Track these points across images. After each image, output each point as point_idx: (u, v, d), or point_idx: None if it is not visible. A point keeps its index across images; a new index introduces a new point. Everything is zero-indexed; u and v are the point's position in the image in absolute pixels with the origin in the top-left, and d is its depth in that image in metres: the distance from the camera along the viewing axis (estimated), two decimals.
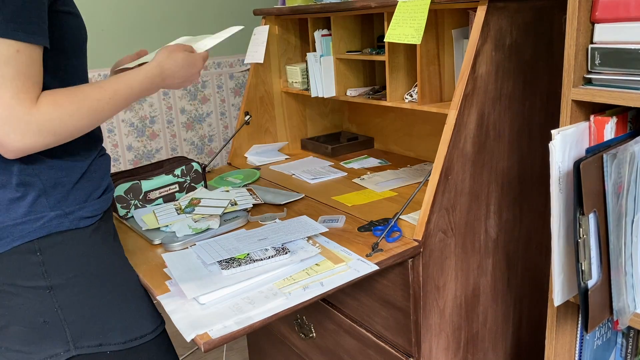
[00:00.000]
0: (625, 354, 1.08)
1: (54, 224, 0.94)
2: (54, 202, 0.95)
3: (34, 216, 0.93)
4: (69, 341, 0.97)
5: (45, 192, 0.94)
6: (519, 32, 1.20)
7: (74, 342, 0.97)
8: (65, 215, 0.95)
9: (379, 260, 1.07)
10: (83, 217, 0.97)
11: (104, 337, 0.99)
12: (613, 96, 0.84)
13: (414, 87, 1.51)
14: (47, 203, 0.94)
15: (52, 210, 0.94)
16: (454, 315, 1.25)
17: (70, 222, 0.96)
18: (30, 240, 0.92)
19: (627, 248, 0.91)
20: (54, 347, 0.96)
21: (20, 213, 0.92)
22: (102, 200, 1.02)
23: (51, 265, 0.94)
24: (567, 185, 0.87)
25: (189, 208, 1.35)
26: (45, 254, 0.94)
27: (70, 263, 0.96)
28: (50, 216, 0.94)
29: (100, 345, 0.99)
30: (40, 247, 0.93)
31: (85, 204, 0.98)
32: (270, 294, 0.97)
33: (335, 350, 1.40)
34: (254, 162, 1.86)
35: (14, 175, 0.92)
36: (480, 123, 1.18)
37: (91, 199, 1.00)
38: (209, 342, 0.86)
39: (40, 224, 0.93)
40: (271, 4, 2.90)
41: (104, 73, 2.49)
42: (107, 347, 0.99)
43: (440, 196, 1.14)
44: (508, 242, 1.33)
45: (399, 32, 1.26)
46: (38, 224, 0.93)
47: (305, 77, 1.83)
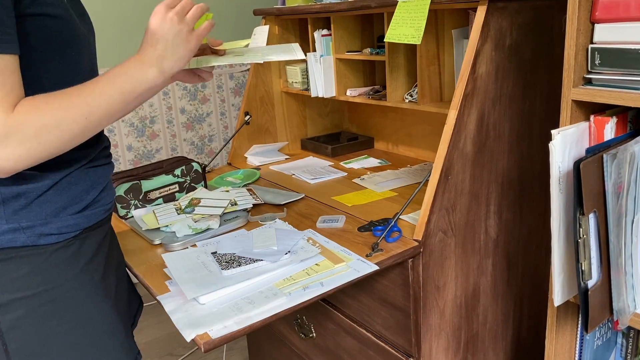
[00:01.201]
0: (625, 354, 1.08)
1: (6, 239, 0.83)
2: (10, 214, 0.83)
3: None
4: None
5: (2, 202, 0.83)
6: (519, 32, 1.20)
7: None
8: (21, 230, 0.83)
9: (379, 260, 1.07)
10: (44, 234, 0.85)
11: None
12: (613, 96, 0.84)
13: (414, 87, 1.51)
14: (4, 214, 0.83)
15: (7, 222, 0.83)
16: (454, 315, 1.25)
17: (27, 238, 0.84)
18: None
19: (627, 248, 0.91)
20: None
21: None
22: (81, 216, 0.89)
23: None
24: (567, 185, 0.87)
25: (189, 208, 1.35)
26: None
27: (20, 282, 0.84)
28: (3, 229, 0.83)
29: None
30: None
31: (52, 219, 0.86)
32: (270, 294, 0.97)
33: (335, 351, 1.40)
34: (254, 162, 1.86)
35: None
36: (480, 123, 1.17)
37: (64, 213, 0.87)
38: (209, 342, 0.86)
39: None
40: (271, 4, 2.90)
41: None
42: None
43: (440, 196, 1.14)
44: (508, 242, 1.33)
45: (399, 32, 1.26)
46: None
47: (305, 77, 1.83)
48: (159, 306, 1.04)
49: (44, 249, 0.86)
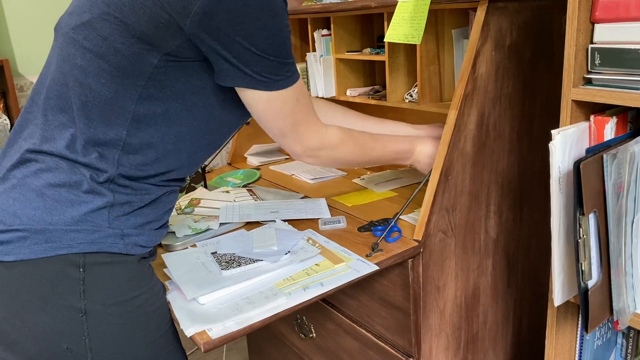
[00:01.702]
0: (625, 354, 1.08)
1: (108, 242, 0.86)
2: (114, 219, 0.87)
3: (90, 227, 0.85)
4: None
5: (111, 206, 0.87)
6: (519, 32, 1.19)
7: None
8: (121, 237, 0.88)
9: (379, 260, 1.07)
10: (138, 244, 0.90)
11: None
12: (613, 96, 0.84)
13: (414, 87, 1.51)
14: (108, 217, 0.87)
15: (110, 226, 0.86)
16: (454, 316, 1.25)
17: (125, 246, 0.88)
18: (77, 252, 0.83)
19: (627, 248, 0.91)
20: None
21: (76, 218, 0.84)
22: (158, 232, 0.95)
23: (92, 285, 0.84)
24: (567, 185, 0.87)
25: (188, 208, 1.35)
26: (88, 272, 0.84)
27: (112, 288, 0.87)
28: (107, 232, 0.86)
29: None
30: (85, 262, 0.84)
31: (142, 231, 0.91)
32: (270, 294, 0.97)
33: (335, 351, 1.40)
34: (254, 162, 1.86)
35: (85, 180, 0.86)
36: (480, 123, 1.17)
37: (149, 227, 0.93)
38: (209, 342, 0.86)
39: (95, 237, 0.85)
40: None
41: None
42: None
43: (440, 196, 1.14)
44: (508, 242, 1.33)
45: (399, 32, 1.26)
46: (91, 237, 0.84)
47: (305, 77, 1.83)
48: None
49: (133, 259, 0.90)
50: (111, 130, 0.87)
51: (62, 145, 0.87)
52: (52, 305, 0.83)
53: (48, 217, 0.84)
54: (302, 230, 1.22)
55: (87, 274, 0.84)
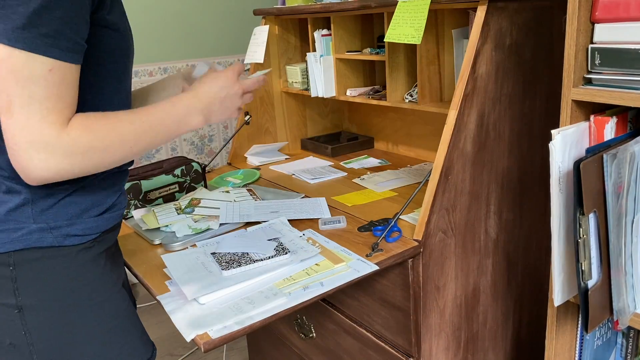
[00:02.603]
0: (625, 354, 1.08)
1: (34, 238, 0.84)
2: (38, 213, 0.85)
3: (13, 225, 0.83)
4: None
5: (31, 202, 0.84)
6: (519, 32, 1.20)
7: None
8: (49, 230, 0.85)
9: (379, 260, 1.07)
10: (70, 235, 0.87)
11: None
12: (613, 96, 0.84)
13: (414, 87, 1.51)
14: (32, 213, 0.84)
15: (35, 222, 0.84)
16: (454, 315, 1.25)
17: (54, 238, 0.85)
18: (4, 252, 0.83)
19: (627, 248, 0.91)
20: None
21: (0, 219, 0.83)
22: (101, 219, 0.91)
23: (24, 282, 0.84)
24: (567, 185, 0.87)
25: (189, 208, 1.35)
26: (19, 269, 0.84)
27: (46, 283, 0.86)
28: (31, 228, 0.84)
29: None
30: (15, 260, 0.83)
31: (76, 220, 0.88)
32: (270, 294, 0.97)
33: (335, 351, 1.40)
34: (254, 162, 1.86)
35: (2, 181, 0.84)
36: (480, 123, 1.17)
37: (86, 215, 0.89)
38: (209, 342, 0.86)
39: (19, 235, 0.83)
40: (271, 4, 2.90)
41: None
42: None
43: (440, 196, 1.14)
44: (508, 242, 1.33)
45: (399, 32, 1.26)
46: (16, 235, 0.83)
47: (305, 77, 1.83)
48: (159, 306, 1.04)
49: (69, 250, 0.87)
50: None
51: None
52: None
53: None
54: (302, 230, 1.22)
55: (18, 271, 0.84)
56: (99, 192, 0.91)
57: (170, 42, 2.82)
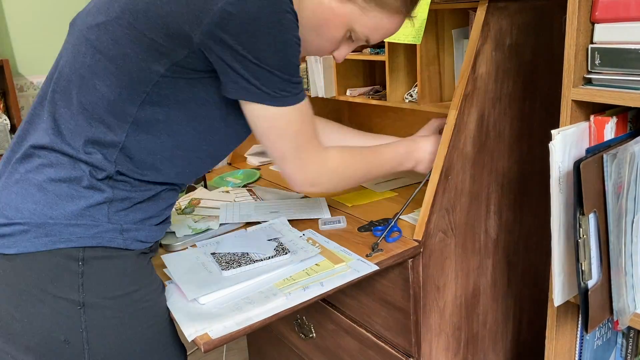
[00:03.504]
0: (625, 354, 1.08)
1: (107, 237, 0.87)
2: (113, 213, 0.89)
3: (89, 221, 0.86)
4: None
5: (110, 202, 0.89)
6: (519, 32, 1.19)
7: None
8: (120, 232, 0.89)
9: (379, 260, 1.07)
10: (137, 240, 0.91)
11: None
12: (613, 96, 0.84)
13: (414, 87, 1.51)
14: (107, 212, 0.88)
15: (109, 221, 0.88)
16: (454, 316, 1.25)
17: (124, 241, 0.89)
18: (77, 247, 0.85)
19: (627, 248, 0.91)
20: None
21: (76, 213, 0.86)
22: (159, 228, 0.97)
23: (90, 279, 0.86)
24: (567, 185, 0.87)
25: (189, 208, 1.35)
26: (87, 266, 0.86)
27: (110, 282, 0.88)
28: (107, 227, 0.87)
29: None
30: (85, 256, 0.86)
31: (141, 226, 0.92)
32: (270, 294, 0.97)
33: (335, 351, 1.40)
34: (254, 162, 1.86)
35: (85, 176, 0.87)
36: (480, 123, 1.17)
37: (149, 223, 0.94)
38: (209, 342, 0.86)
39: (94, 232, 0.86)
40: None
41: None
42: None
43: (440, 196, 1.14)
44: (508, 242, 1.33)
45: (399, 32, 1.26)
46: (91, 232, 0.86)
47: (305, 77, 1.83)
48: None
49: (132, 253, 0.91)
50: (111, 132, 0.88)
51: (63, 141, 0.88)
52: (51, 297, 0.85)
53: (49, 211, 0.85)
54: (302, 230, 1.22)
55: (85, 267, 0.86)
56: (161, 204, 0.97)
57: None
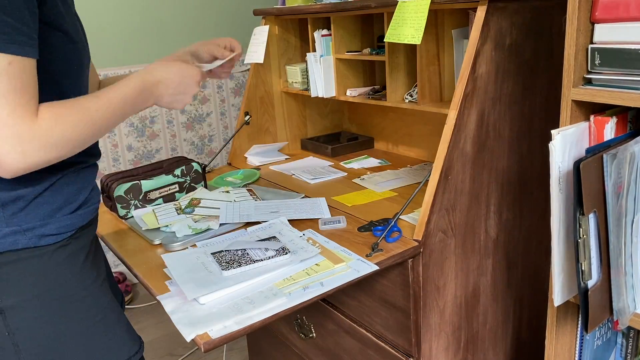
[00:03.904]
0: (625, 354, 1.08)
1: (7, 242, 0.85)
2: (9, 217, 0.85)
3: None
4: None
5: (2, 206, 0.85)
6: (519, 32, 1.20)
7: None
8: (22, 232, 0.85)
9: (379, 260, 1.07)
10: (45, 235, 0.87)
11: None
12: (613, 96, 0.84)
13: (414, 87, 1.51)
14: (3, 217, 0.85)
15: (7, 225, 0.85)
16: (454, 315, 1.25)
17: (28, 240, 0.86)
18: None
19: (627, 248, 0.91)
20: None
21: None
22: (75, 216, 0.92)
23: (4, 284, 0.85)
24: (567, 185, 0.87)
25: (189, 208, 1.35)
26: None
27: (24, 284, 0.86)
28: (4, 232, 0.84)
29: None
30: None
31: (49, 220, 0.88)
32: (270, 294, 0.97)
33: (335, 350, 1.40)
34: (254, 162, 1.86)
35: None
36: (480, 123, 1.17)
37: (60, 214, 0.89)
38: (209, 342, 0.86)
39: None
40: (271, 4, 2.90)
41: (104, 72, 2.49)
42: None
43: (440, 196, 1.14)
44: (508, 242, 1.33)
45: (399, 32, 1.26)
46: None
47: (305, 77, 1.83)
48: (159, 306, 1.04)
49: (45, 250, 0.88)
50: None
51: None
52: None
53: None
54: (302, 230, 1.22)
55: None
56: (69, 190, 0.91)
57: (170, 42, 2.82)
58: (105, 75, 2.50)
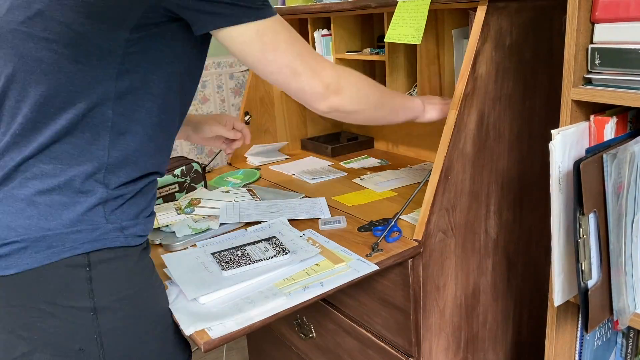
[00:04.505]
0: (625, 354, 1.08)
1: (109, 238, 0.85)
2: (110, 213, 0.86)
3: (89, 226, 0.84)
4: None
5: (104, 202, 0.86)
6: (519, 32, 1.20)
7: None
8: (120, 230, 0.86)
9: (379, 260, 1.07)
10: (136, 235, 0.89)
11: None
12: (613, 96, 0.84)
13: (414, 87, 1.51)
14: (104, 213, 0.85)
15: (108, 221, 0.85)
16: (454, 315, 1.25)
17: (125, 238, 0.87)
18: (81, 253, 0.82)
19: (627, 248, 0.91)
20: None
21: (74, 220, 0.83)
22: (149, 220, 0.94)
23: (99, 283, 0.84)
24: (567, 185, 0.87)
25: (189, 208, 1.35)
26: (94, 270, 0.83)
27: (118, 283, 0.86)
28: (107, 228, 0.85)
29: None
30: (90, 261, 0.83)
31: (137, 221, 0.90)
32: (270, 294, 0.97)
33: (335, 350, 1.40)
34: (254, 162, 1.86)
35: (74, 180, 0.84)
36: (480, 123, 1.18)
37: (142, 216, 0.91)
38: (209, 342, 0.86)
39: (96, 235, 0.84)
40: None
41: None
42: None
43: (440, 196, 1.14)
44: (508, 242, 1.33)
45: (399, 32, 1.26)
46: (93, 235, 0.83)
47: None
48: None
49: (135, 250, 0.89)
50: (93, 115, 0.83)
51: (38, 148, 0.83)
52: (62, 309, 0.82)
53: (45, 223, 0.82)
54: (302, 230, 1.22)
55: (93, 272, 0.83)
56: (147, 196, 0.94)
57: None
58: None
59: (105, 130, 0.84)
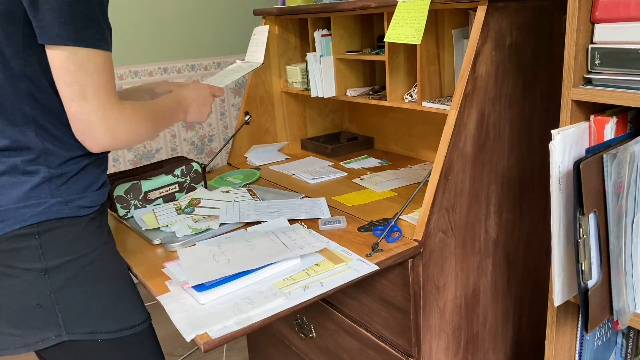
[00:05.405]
0: (625, 354, 1.08)
1: (54, 210, 0.97)
2: (54, 189, 0.98)
3: (35, 201, 0.96)
4: (61, 326, 0.98)
5: (48, 180, 0.97)
6: (519, 32, 1.20)
7: (66, 327, 0.98)
8: (65, 203, 0.98)
9: (379, 260, 1.07)
10: (82, 206, 1.00)
11: (96, 325, 1.01)
12: (613, 96, 0.84)
13: (414, 87, 1.51)
14: (49, 189, 0.97)
15: (53, 197, 0.97)
16: (454, 316, 1.25)
17: (70, 210, 0.98)
18: (30, 224, 0.95)
19: (627, 248, 0.91)
20: (46, 331, 0.98)
21: (22, 197, 0.95)
22: (99, 193, 1.05)
23: (48, 248, 0.97)
24: (567, 185, 0.87)
25: (188, 208, 1.35)
26: (43, 237, 0.96)
27: (66, 246, 0.98)
28: (51, 202, 0.97)
29: (92, 332, 1.00)
30: (39, 230, 0.96)
31: (84, 194, 1.01)
32: (270, 294, 0.97)
33: (335, 350, 1.40)
34: (254, 162, 1.86)
35: (20, 163, 0.96)
36: (480, 123, 1.18)
37: (90, 190, 1.03)
38: (209, 342, 0.86)
39: (42, 209, 0.96)
40: (271, 4, 2.90)
41: None
42: (98, 334, 1.01)
43: (440, 196, 1.14)
44: (508, 242, 1.33)
45: (399, 32, 1.26)
46: (39, 209, 0.96)
47: (305, 77, 1.83)
48: (158, 306, 1.05)
49: (81, 220, 1.01)
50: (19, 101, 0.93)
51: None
52: (19, 271, 0.96)
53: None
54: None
55: (42, 239, 0.96)
56: (95, 171, 1.05)
57: (170, 42, 2.82)
58: None
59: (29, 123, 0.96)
